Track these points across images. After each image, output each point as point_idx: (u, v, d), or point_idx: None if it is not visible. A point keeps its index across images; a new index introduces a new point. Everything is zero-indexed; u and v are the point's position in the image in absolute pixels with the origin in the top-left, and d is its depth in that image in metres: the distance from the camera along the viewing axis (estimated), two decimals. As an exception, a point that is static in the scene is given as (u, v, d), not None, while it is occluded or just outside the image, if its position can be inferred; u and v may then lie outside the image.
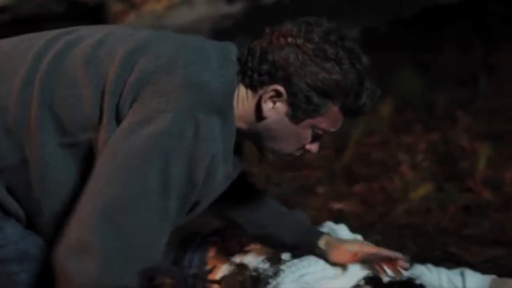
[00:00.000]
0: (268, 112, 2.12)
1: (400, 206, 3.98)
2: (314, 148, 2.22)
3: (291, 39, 2.09)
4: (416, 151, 4.81)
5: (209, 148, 1.96)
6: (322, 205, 4.02)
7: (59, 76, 2.05)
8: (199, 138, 1.94)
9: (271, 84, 2.09)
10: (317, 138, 2.21)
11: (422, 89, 6.21)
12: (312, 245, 2.52)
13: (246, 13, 5.66)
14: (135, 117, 1.95)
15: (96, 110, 2.00)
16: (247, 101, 2.13)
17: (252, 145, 2.25)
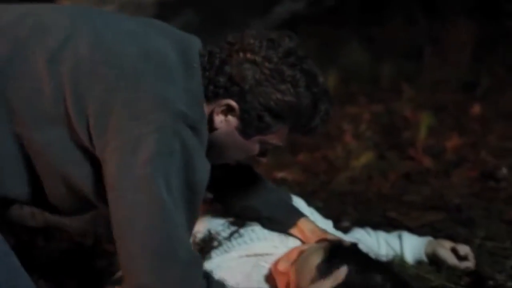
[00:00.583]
0: (219, 124, 2.16)
1: (342, 174, 4.01)
2: (263, 160, 2.31)
3: (250, 55, 2.12)
4: (360, 122, 4.84)
5: (196, 154, 2.04)
6: (266, 174, 4.01)
7: (19, 65, 2.07)
8: (187, 148, 2.02)
9: (225, 98, 2.13)
10: (266, 152, 2.27)
11: (368, 62, 6.25)
12: (288, 225, 2.58)
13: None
14: (123, 150, 1.99)
15: (58, 109, 2.05)
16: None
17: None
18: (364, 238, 2.84)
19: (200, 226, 2.62)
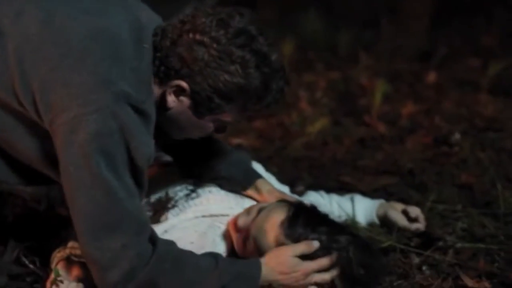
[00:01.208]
0: (172, 103, 2.19)
1: (298, 140, 4.02)
2: (220, 135, 2.37)
3: (200, 36, 2.11)
4: (316, 89, 4.85)
5: (137, 133, 2.07)
6: (222, 141, 4.02)
7: None
8: (127, 128, 2.04)
9: (176, 79, 2.14)
10: (222, 128, 2.29)
11: (325, 30, 6.26)
12: (246, 185, 2.62)
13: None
14: (64, 128, 2.03)
15: (6, 83, 2.10)
16: (155, 89, 2.18)
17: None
18: (317, 201, 2.86)
19: (157, 188, 2.62)
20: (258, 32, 2.14)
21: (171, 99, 2.18)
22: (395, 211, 2.82)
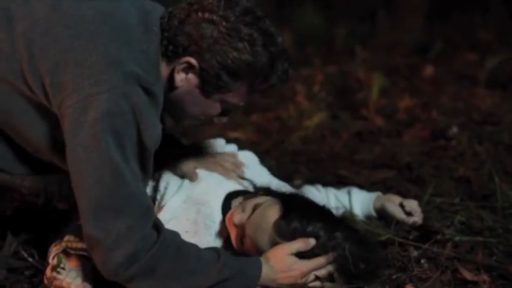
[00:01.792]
0: (180, 83, 2.20)
1: (295, 134, 4.02)
2: (224, 120, 2.36)
3: (208, 15, 2.15)
4: (313, 83, 4.84)
5: (146, 115, 2.08)
6: (220, 134, 4.03)
7: None
8: (137, 108, 2.06)
9: (185, 56, 2.16)
10: (227, 111, 2.30)
11: (323, 24, 6.26)
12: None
13: None
14: (75, 108, 2.05)
15: (15, 66, 2.13)
16: (162, 70, 2.20)
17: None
18: (314, 195, 2.86)
19: None
20: (264, 14, 2.20)
21: (179, 78, 2.20)
22: (393, 204, 2.81)
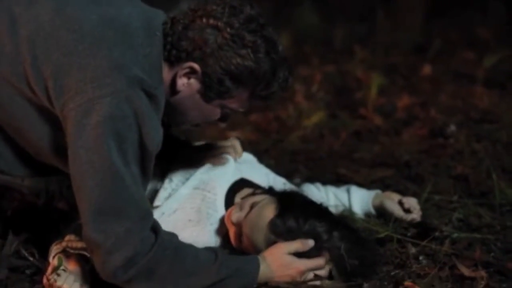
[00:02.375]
0: (182, 87, 2.23)
1: (294, 134, 4.04)
2: (223, 125, 2.37)
3: (213, 21, 2.17)
4: (312, 82, 4.86)
5: (148, 119, 2.11)
6: (219, 135, 4.04)
7: None
8: (139, 113, 2.09)
9: (188, 61, 2.19)
10: (226, 116, 2.34)
11: (321, 24, 6.27)
12: None
13: None
14: (78, 111, 2.07)
15: (17, 69, 2.15)
16: (164, 74, 2.22)
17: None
18: (314, 193, 2.87)
19: None
20: (266, 22, 2.22)
21: (181, 82, 2.22)
22: (391, 202, 2.83)
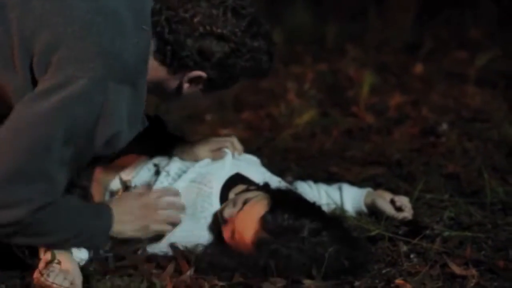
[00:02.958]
0: (187, 90, 2.30)
1: (286, 132, 4.03)
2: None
3: (217, 30, 2.21)
4: (304, 80, 4.85)
5: (115, 115, 2.14)
6: (210, 132, 4.04)
7: None
8: (107, 107, 2.13)
9: (195, 70, 2.25)
10: None
11: (313, 22, 6.26)
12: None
13: None
14: (53, 80, 2.11)
15: (4, 53, 2.17)
16: (160, 74, 2.26)
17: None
18: (306, 191, 2.88)
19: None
20: (261, 18, 2.32)
21: (186, 86, 2.29)
22: (383, 200, 2.84)
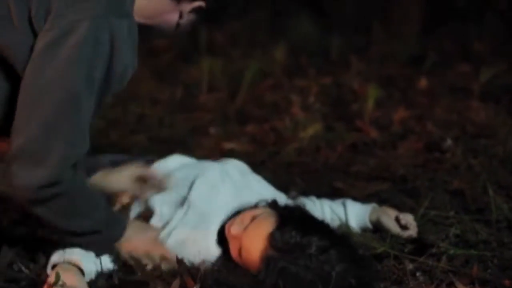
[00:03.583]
0: (185, 20, 2.36)
1: (290, 145, 4.02)
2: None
3: None
4: (308, 94, 4.86)
5: (123, 50, 2.17)
6: (214, 146, 4.04)
7: None
8: (115, 42, 2.15)
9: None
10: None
11: (317, 35, 6.27)
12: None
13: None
14: (56, 30, 2.12)
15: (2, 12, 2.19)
16: (159, 4, 2.31)
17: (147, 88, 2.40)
18: (309, 207, 2.87)
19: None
20: None
21: (186, 16, 2.35)
22: (388, 218, 2.83)
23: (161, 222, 2.57)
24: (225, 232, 2.48)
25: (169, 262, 2.46)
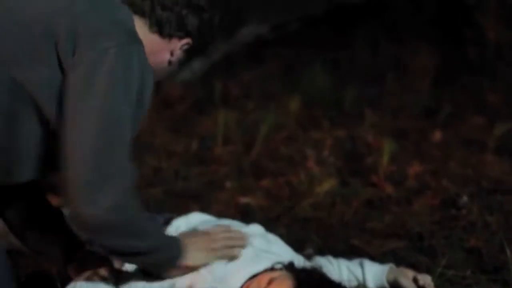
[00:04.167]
0: (175, 58, 2.44)
1: (306, 200, 4.02)
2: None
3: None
4: (323, 147, 4.87)
5: (149, 72, 2.29)
6: (230, 200, 4.05)
7: None
8: (140, 64, 2.25)
9: (184, 38, 2.40)
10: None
11: (331, 86, 6.30)
12: None
13: None
14: (86, 63, 2.19)
15: (23, 47, 2.23)
16: (155, 45, 2.37)
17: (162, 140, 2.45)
18: (327, 267, 2.86)
19: None
20: None
21: (177, 54, 2.43)
22: (406, 279, 2.80)
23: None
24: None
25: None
